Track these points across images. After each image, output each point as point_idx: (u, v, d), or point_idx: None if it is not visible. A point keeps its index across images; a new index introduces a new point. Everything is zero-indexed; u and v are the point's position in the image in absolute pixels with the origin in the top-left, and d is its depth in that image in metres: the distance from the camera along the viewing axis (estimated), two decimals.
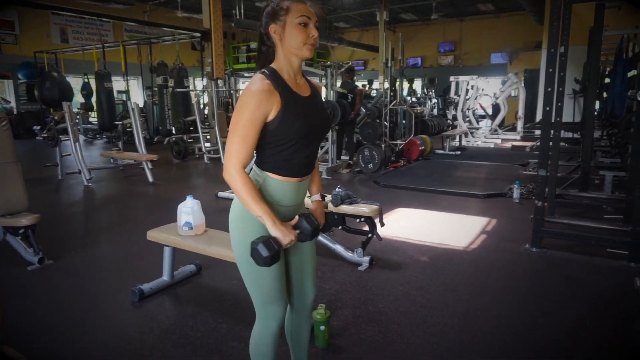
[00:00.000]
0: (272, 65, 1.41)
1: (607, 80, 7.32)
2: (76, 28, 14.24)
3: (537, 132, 9.65)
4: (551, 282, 3.05)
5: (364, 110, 7.70)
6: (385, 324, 2.44)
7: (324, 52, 17.58)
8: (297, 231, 1.43)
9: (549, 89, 3.39)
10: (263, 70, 1.39)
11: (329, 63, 8.28)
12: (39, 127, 9.82)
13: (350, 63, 8.24)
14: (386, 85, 8.06)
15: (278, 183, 1.42)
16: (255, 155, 1.44)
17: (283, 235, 1.36)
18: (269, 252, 1.33)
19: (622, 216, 4.06)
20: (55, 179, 6.61)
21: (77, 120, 8.12)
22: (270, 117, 1.35)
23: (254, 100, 1.31)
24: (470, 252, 3.59)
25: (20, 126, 11.84)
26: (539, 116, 10.48)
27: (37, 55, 12.29)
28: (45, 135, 6.93)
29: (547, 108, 3.41)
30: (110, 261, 3.51)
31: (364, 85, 16.48)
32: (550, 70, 3.34)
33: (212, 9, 8.98)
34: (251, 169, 1.46)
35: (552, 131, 3.56)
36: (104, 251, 3.70)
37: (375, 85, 16.20)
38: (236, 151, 1.33)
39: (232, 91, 11.03)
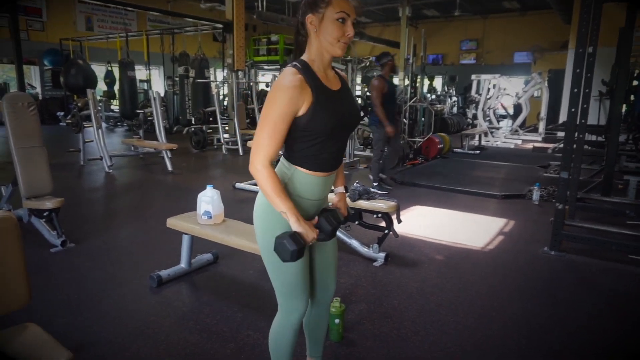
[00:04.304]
0: (304, 57, 1.39)
1: (635, 82, 7.14)
2: (101, 17, 14.47)
3: (560, 133, 9.49)
4: (569, 285, 3.01)
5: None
6: (399, 320, 2.44)
7: None
8: (318, 230, 1.43)
9: (575, 90, 3.32)
10: (295, 63, 1.37)
11: (349, 58, 8.25)
12: (62, 113, 10.04)
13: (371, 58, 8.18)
14: (406, 81, 8.00)
15: (307, 177, 1.42)
16: (283, 148, 1.43)
17: (306, 232, 1.35)
18: (295, 246, 1.32)
19: None
20: (77, 165, 6.75)
21: (99, 108, 8.27)
22: (301, 112, 1.33)
23: (285, 96, 1.29)
24: (486, 253, 3.56)
25: (45, 112, 12.12)
26: (562, 117, 10.29)
27: (62, 43, 12.53)
28: (69, 121, 7.06)
29: (573, 109, 3.35)
30: (129, 246, 3.58)
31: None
32: (578, 70, 3.28)
33: (235, 0, 9.01)
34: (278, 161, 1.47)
35: (576, 133, 3.49)
36: (123, 236, 3.78)
37: (395, 81, 16.09)
38: (264, 146, 1.32)
39: (252, 83, 11.09)
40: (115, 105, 13.13)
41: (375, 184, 5.32)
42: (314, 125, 1.34)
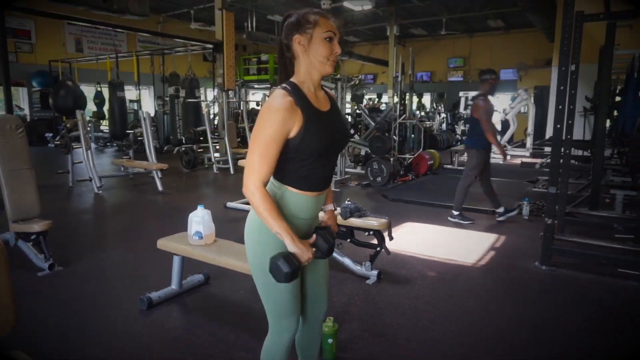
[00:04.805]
0: (293, 79, 1.41)
1: (618, 98, 7.30)
2: (91, 38, 14.50)
3: (547, 149, 9.62)
4: (561, 300, 3.02)
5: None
6: (393, 339, 2.42)
7: None
8: (314, 249, 1.42)
9: (560, 107, 3.39)
10: (284, 85, 1.38)
11: (338, 76, 8.34)
12: (51, 135, 9.96)
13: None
14: (396, 99, 8.10)
15: (297, 197, 1.42)
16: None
17: (302, 252, 1.35)
18: (290, 268, 1.31)
19: (633, 236, 4.02)
20: (66, 186, 6.67)
21: (89, 129, 8.23)
22: (292, 134, 1.34)
23: (276, 118, 1.30)
24: (478, 269, 3.56)
25: (33, 133, 11.99)
26: (548, 133, 10.45)
27: (52, 64, 12.51)
28: (58, 142, 7.01)
29: (558, 125, 3.41)
30: (119, 269, 3.53)
31: (370, 99, 16.55)
32: (562, 88, 3.35)
33: (224, 21, 9.11)
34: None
35: (562, 149, 3.55)
36: (113, 258, 3.73)
37: (385, 99, 16.27)
38: (256, 168, 1.33)
39: (242, 102, 11.15)
40: (104, 125, 13.06)
41: (456, 213, 4.87)
42: (305, 147, 1.35)
